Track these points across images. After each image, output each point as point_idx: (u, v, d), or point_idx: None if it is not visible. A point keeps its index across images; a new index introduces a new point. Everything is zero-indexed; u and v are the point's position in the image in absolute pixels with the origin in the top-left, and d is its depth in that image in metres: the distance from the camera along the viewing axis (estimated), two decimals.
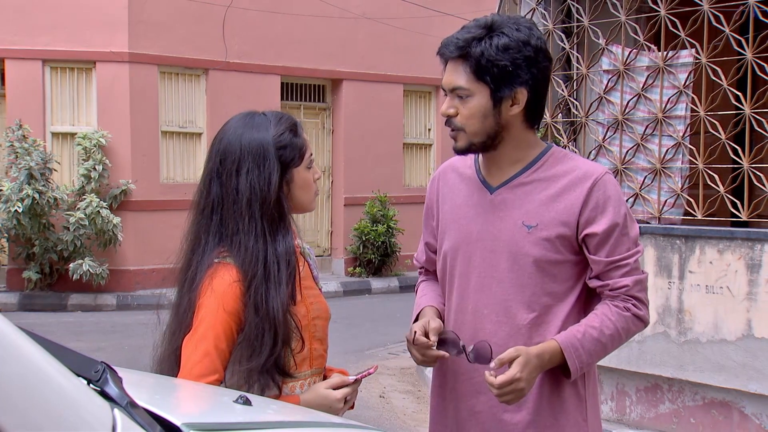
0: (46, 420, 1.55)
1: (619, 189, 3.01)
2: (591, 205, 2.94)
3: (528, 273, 2.98)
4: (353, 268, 17.34)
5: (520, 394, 2.83)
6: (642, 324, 3.02)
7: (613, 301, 2.98)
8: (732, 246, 6.35)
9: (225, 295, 2.83)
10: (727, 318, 6.40)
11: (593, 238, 2.94)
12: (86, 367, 2.01)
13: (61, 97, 14.99)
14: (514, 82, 2.90)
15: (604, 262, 2.95)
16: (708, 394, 6.64)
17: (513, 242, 2.99)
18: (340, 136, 17.70)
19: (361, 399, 8.62)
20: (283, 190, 2.93)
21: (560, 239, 2.96)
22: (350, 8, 17.00)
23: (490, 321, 3.03)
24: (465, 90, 2.93)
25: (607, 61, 7.34)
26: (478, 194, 3.10)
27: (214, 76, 15.83)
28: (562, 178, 2.99)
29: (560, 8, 7.66)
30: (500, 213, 3.03)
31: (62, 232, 13.98)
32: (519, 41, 2.89)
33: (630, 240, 2.98)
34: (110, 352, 10.48)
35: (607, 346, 2.97)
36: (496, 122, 2.95)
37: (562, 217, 2.95)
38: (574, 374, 2.93)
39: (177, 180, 15.63)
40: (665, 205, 6.97)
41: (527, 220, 2.98)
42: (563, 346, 2.90)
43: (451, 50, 2.94)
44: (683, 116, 6.95)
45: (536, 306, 2.99)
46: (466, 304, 3.10)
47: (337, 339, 12.06)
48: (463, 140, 2.99)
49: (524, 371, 2.80)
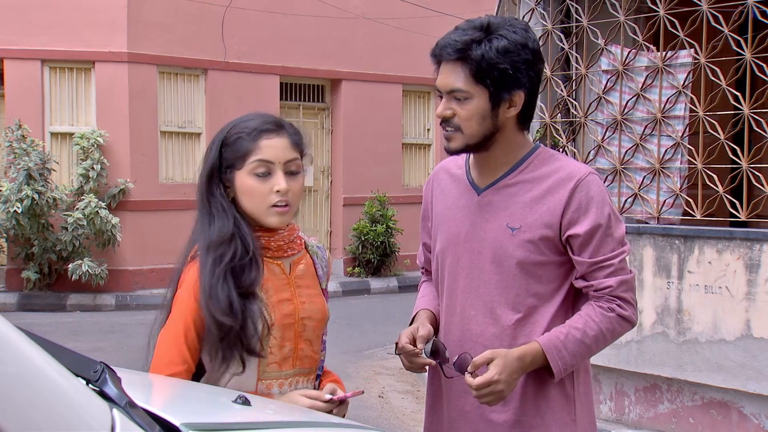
0: (44, 420, 1.55)
1: (602, 189, 3.01)
2: (573, 207, 2.94)
3: (512, 275, 3.00)
4: (352, 268, 17.32)
5: (499, 396, 2.86)
6: (628, 324, 3.02)
7: (597, 302, 2.98)
8: (731, 246, 6.34)
9: (195, 285, 2.86)
10: (726, 318, 6.39)
11: (576, 239, 2.95)
12: (85, 367, 2.02)
13: (60, 97, 14.96)
14: (513, 85, 2.91)
15: (587, 263, 2.95)
16: (707, 394, 6.63)
17: (497, 244, 3.01)
18: (339, 136, 17.69)
19: (360, 399, 8.67)
20: (218, 186, 2.95)
21: (543, 241, 2.97)
22: (349, 8, 16.98)
23: (477, 322, 3.05)
24: (464, 92, 2.92)
25: (606, 61, 7.33)
26: (467, 196, 3.12)
27: (213, 76, 15.80)
28: (546, 180, 2.99)
29: (559, 8, 7.64)
30: (486, 215, 3.05)
31: (61, 232, 13.96)
32: (518, 44, 2.89)
33: (614, 240, 2.97)
34: (109, 353, 10.44)
35: (592, 347, 2.97)
36: (493, 124, 2.95)
37: (545, 218, 2.96)
38: (558, 375, 2.94)
39: (176, 180, 15.60)
40: (664, 205, 6.96)
41: (511, 222, 2.99)
42: (545, 347, 2.91)
43: (448, 52, 2.93)
44: (682, 116, 6.95)
45: (521, 307, 3.01)
46: (454, 305, 3.12)
47: (335, 339, 11.98)
48: (458, 141, 2.98)
49: (503, 373, 2.83)
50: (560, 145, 7.51)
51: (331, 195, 17.84)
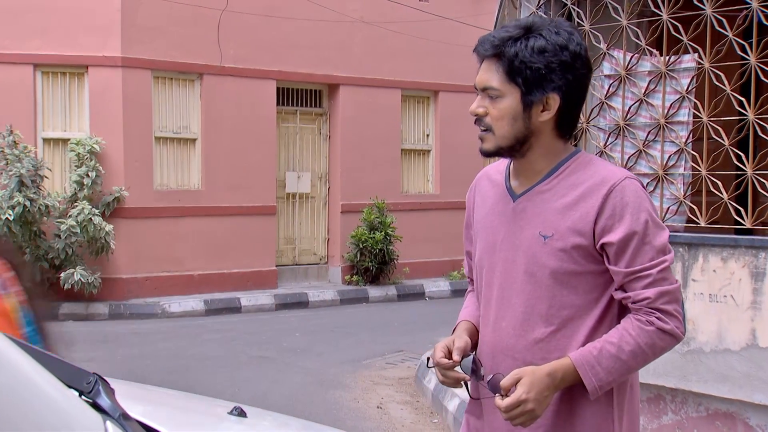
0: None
1: (640, 195, 2.90)
2: (607, 213, 2.86)
3: (545, 285, 2.92)
4: (350, 276, 17.28)
5: (531, 415, 2.78)
6: (671, 338, 2.88)
7: (636, 315, 2.87)
8: (736, 254, 6.28)
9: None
10: (731, 327, 6.33)
11: (611, 247, 2.85)
12: (78, 378, 2.04)
13: (52, 103, 14.94)
14: (546, 86, 2.87)
15: (623, 272, 2.85)
16: (712, 405, 6.57)
17: (530, 253, 2.94)
18: (337, 141, 17.66)
19: (358, 409, 8.68)
20: None
21: (577, 249, 2.88)
22: (347, 12, 16.95)
23: (508, 334, 2.99)
24: (496, 90, 2.90)
25: (608, 66, 7.30)
26: (503, 202, 3.06)
27: (208, 81, 15.79)
28: (580, 186, 2.92)
29: (560, 12, 7.60)
30: (520, 222, 2.99)
31: (53, 240, 13.93)
32: (556, 45, 2.86)
33: (653, 249, 2.85)
34: (102, 363, 10.43)
35: (629, 363, 2.85)
36: (526, 127, 2.91)
37: (578, 226, 2.88)
38: (593, 393, 2.84)
39: (171, 187, 15.62)
40: (668, 213, 6.91)
41: (544, 230, 2.93)
42: (577, 363, 2.82)
43: (486, 48, 2.92)
44: (686, 122, 6.90)
45: (555, 319, 2.92)
46: (488, 317, 3.07)
47: (333, 349, 12.09)
48: (491, 142, 2.95)
49: (531, 392, 2.75)
50: None
51: (328, 202, 17.80)
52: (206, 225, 15.66)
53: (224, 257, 15.89)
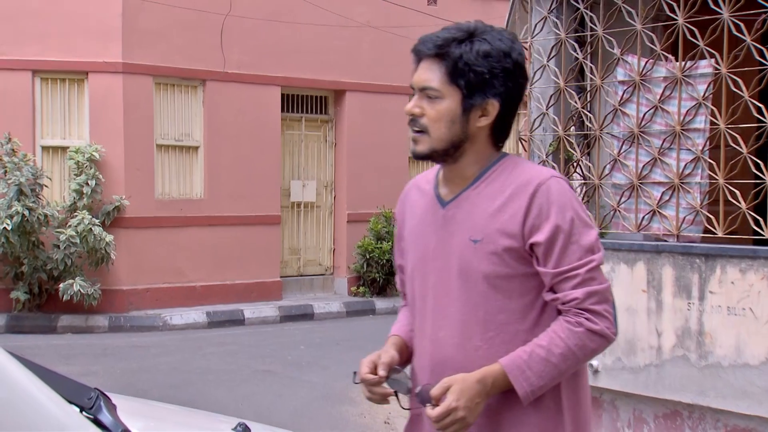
0: None
1: (566, 193, 2.91)
2: (534, 212, 2.86)
3: (479, 290, 2.91)
4: (356, 287, 17.26)
5: (462, 424, 2.77)
6: (602, 339, 2.86)
7: (565, 317, 2.86)
8: (755, 265, 6.21)
9: None
10: (750, 341, 6.26)
11: (539, 247, 2.86)
12: (79, 393, 2.03)
13: (51, 110, 14.92)
14: (487, 91, 2.88)
15: (551, 273, 2.85)
16: (730, 422, 6.49)
17: (462, 259, 2.94)
18: (343, 149, 17.63)
19: (365, 425, 8.52)
20: None
21: (508, 252, 2.88)
22: (354, 16, 16.89)
23: (447, 344, 2.96)
24: (436, 91, 2.90)
25: (622, 72, 7.23)
26: (433, 210, 3.06)
27: (211, 88, 15.75)
28: (508, 188, 2.92)
29: (573, 16, 7.57)
30: (450, 228, 2.99)
31: (52, 251, 13.89)
32: (500, 51, 2.88)
33: (581, 248, 2.85)
34: (102, 377, 10.41)
35: (560, 366, 2.83)
36: (463, 131, 2.92)
37: (507, 228, 2.88)
38: (525, 398, 2.82)
39: (173, 196, 15.59)
40: (684, 222, 6.84)
41: (473, 234, 2.92)
42: (507, 368, 2.81)
43: (428, 47, 2.92)
44: (702, 129, 6.84)
45: (491, 325, 2.91)
46: (425, 328, 3.04)
47: (339, 362, 11.95)
48: (425, 144, 2.95)
49: (461, 399, 2.75)
50: (574, 158, 7.49)
51: (334, 211, 17.78)
52: (209, 235, 15.63)
53: (227, 268, 15.85)
